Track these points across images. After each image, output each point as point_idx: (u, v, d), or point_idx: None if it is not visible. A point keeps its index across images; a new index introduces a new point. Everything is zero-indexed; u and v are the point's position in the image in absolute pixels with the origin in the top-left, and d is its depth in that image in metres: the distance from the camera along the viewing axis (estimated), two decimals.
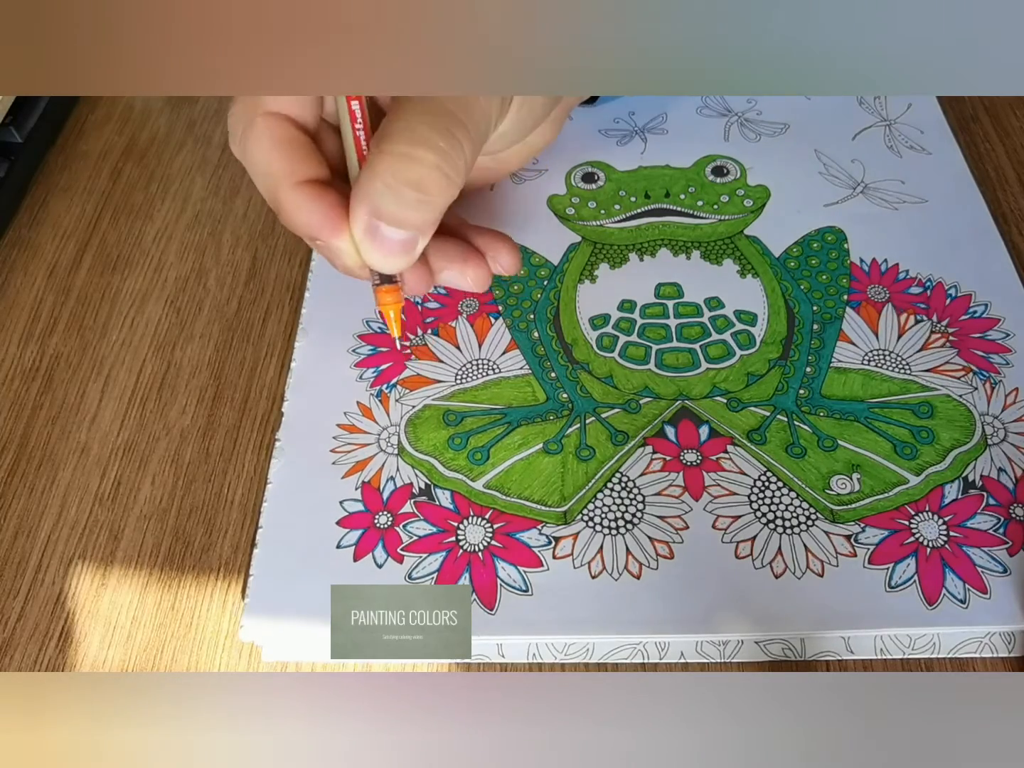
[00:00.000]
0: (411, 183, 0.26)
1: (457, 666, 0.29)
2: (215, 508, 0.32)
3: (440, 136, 0.26)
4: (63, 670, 0.29)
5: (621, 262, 0.37)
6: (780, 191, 0.39)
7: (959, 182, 0.38)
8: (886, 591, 0.28)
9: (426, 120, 0.26)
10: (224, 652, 0.29)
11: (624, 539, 0.29)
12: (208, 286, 0.38)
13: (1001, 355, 0.33)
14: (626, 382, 0.33)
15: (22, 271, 0.39)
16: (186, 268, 0.38)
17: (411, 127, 0.26)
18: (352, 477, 0.31)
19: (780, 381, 0.33)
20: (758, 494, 0.30)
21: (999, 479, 0.30)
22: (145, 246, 0.39)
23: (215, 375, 0.35)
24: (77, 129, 0.44)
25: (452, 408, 0.33)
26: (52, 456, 0.33)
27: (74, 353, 0.36)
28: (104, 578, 0.30)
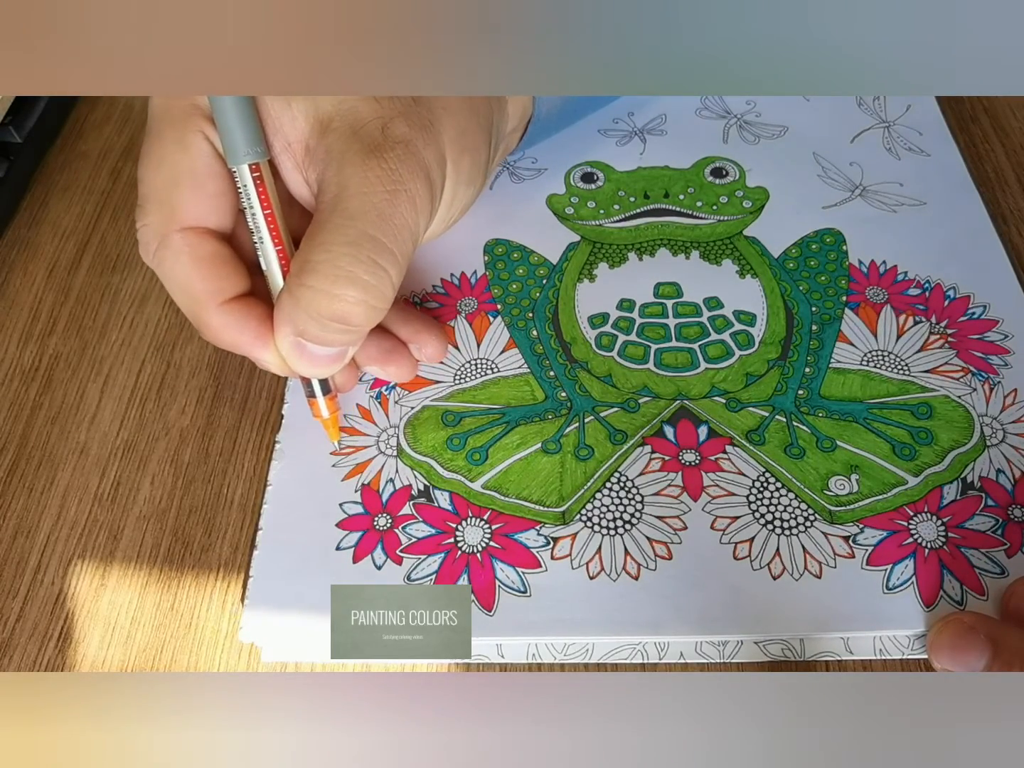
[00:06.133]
0: (335, 317, 0.26)
1: (457, 666, 0.29)
2: (215, 508, 0.32)
3: (364, 269, 0.26)
4: (63, 670, 0.29)
5: (620, 261, 0.37)
6: (779, 193, 0.39)
7: (958, 183, 0.38)
8: (883, 592, 0.28)
9: (349, 252, 0.26)
10: (224, 652, 0.29)
11: (623, 539, 0.29)
12: None
13: (1000, 356, 0.33)
14: (625, 381, 0.33)
15: (22, 271, 0.39)
16: None
17: (333, 260, 0.26)
18: (352, 479, 0.31)
19: (779, 381, 0.33)
20: (757, 495, 0.30)
21: (998, 480, 0.30)
22: None
23: (215, 375, 0.35)
24: (77, 129, 0.44)
25: (451, 408, 0.33)
26: (51, 456, 0.33)
27: (73, 353, 0.36)
28: (103, 578, 0.30)
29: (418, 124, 0.27)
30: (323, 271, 0.26)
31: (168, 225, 0.28)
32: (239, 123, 0.27)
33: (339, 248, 0.26)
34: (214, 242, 0.28)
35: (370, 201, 0.26)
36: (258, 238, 0.28)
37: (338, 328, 0.27)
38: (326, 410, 0.31)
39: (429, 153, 0.27)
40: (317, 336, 0.27)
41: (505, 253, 0.37)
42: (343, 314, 0.26)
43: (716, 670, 0.29)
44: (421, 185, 0.27)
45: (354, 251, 0.26)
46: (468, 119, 0.29)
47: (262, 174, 0.27)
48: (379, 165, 0.26)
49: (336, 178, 0.26)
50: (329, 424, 0.31)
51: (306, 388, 0.30)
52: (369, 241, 0.26)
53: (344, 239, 0.26)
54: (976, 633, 0.26)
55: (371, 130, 0.27)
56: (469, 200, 0.32)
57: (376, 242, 0.26)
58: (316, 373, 0.29)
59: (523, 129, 0.36)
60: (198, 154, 0.27)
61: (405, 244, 0.27)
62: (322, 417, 0.31)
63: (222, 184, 0.28)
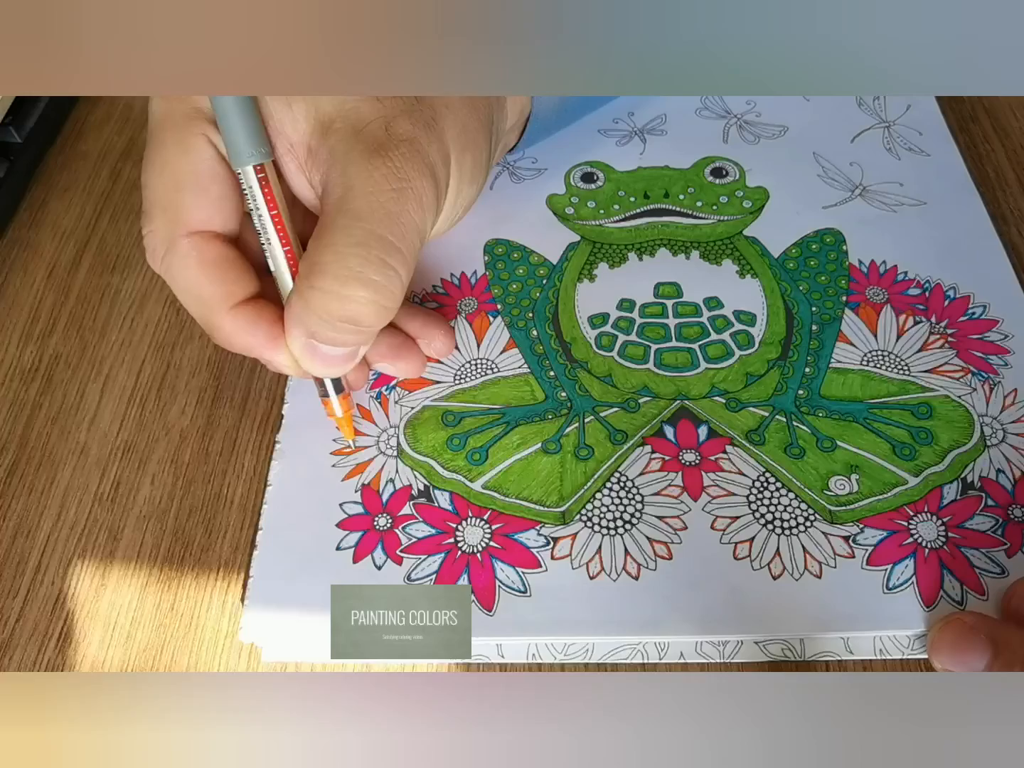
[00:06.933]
0: (346, 318, 0.26)
1: (457, 666, 0.29)
2: (215, 508, 0.32)
3: (373, 269, 0.26)
4: (63, 670, 0.29)
5: (620, 261, 0.37)
6: (779, 193, 0.39)
7: (958, 183, 0.38)
8: (883, 592, 0.28)
9: (358, 252, 0.26)
10: (224, 652, 0.29)
11: (623, 539, 0.29)
12: None
13: (1000, 356, 0.33)
14: (625, 381, 0.33)
15: (22, 271, 0.39)
16: None
17: (342, 261, 0.26)
18: (352, 480, 0.31)
19: (779, 381, 0.33)
20: (757, 495, 0.30)
21: (998, 480, 0.30)
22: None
23: (215, 375, 0.35)
24: (77, 129, 0.44)
25: (451, 409, 0.33)
26: (51, 456, 0.33)
27: (73, 353, 0.36)
28: (104, 578, 0.30)
29: (421, 122, 0.27)
30: (332, 272, 0.26)
31: (174, 230, 0.27)
32: (242, 124, 0.26)
33: (347, 249, 0.26)
34: (221, 245, 0.28)
35: (377, 200, 0.26)
36: (265, 240, 0.28)
37: (349, 329, 0.27)
38: (339, 409, 0.31)
39: (433, 151, 0.27)
40: (328, 337, 0.27)
41: (505, 253, 0.37)
42: (353, 315, 0.26)
43: (716, 670, 0.29)
44: (427, 183, 0.27)
45: (363, 251, 0.26)
46: (469, 116, 0.29)
47: (267, 175, 0.27)
48: (384, 164, 0.26)
49: (341, 179, 0.26)
50: (343, 423, 0.31)
51: (319, 388, 0.30)
52: (377, 241, 0.26)
53: (352, 239, 0.26)
54: (977, 633, 0.26)
55: (374, 129, 0.27)
56: (472, 198, 0.32)
57: (385, 241, 0.26)
58: (329, 373, 0.29)
59: (522, 126, 0.36)
60: (201, 157, 0.27)
61: (413, 243, 0.27)
62: (336, 416, 0.31)
63: (226, 187, 0.28)
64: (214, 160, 0.27)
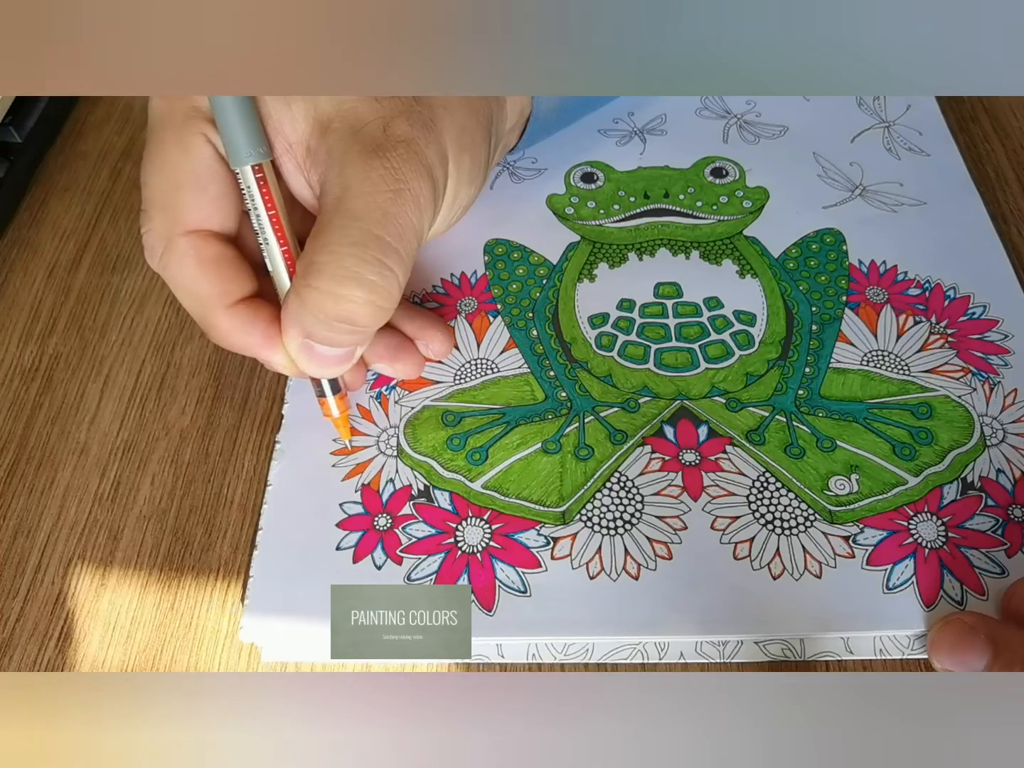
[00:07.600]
0: (342, 318, 0.26)
1: (457, 666, 0.29)
2: (215, 508, 0.32)
3: (369, 269, 0.26)
4: (63, 670, 0.29)
5: (620, 261, 0.37)
6: (779, 193, 0.39)
7: (958, 183, 0.38)
8: (883, 592, 0.28)
9: (354, 252, 0.26)
10: (224, 652, 0.29)
11: (623, 539, 0.29)
12: None
13: (1000, 356, 0.33)
14: (625, 381, 0.33)
15: (22, 271, 0.39)
16: None
17: (338, 261, 0.26)
18: (352, 480, 0.31)
19: (779, 381, 0.33)
20: (757, 495, 0.30)
21: (998, 480, 0.30)
22: None
23: (215, 375, 0.35)
24: (77, 129, 0.44)
25: (451, 408, 0.33)
26: (52, 456, 0.33)
27: (73, 353, 0.36)
28: (104, 578, 0.30)
29: (419, 123, 0.27)
30: (329, 272, 0.26)
31: (172, 229, 0.28)
32: (241, 124, 0.26)
33: (344, 249, 0.26)
34: (219, 244, 0.28)
35: (374, 201, 0.26)
36: (263, 239, 0.28)
37: (345, 329, 0.27)
38: (336, 409, 0.31)
39: (431, 152, 0.27)
40: (325, 337, 0.27)
41: (505, 253, 0.37)
42: (350, 315, 0.26)
43: (716, 670, 0.29)
44: (424, 184, 0.27)
45: (359, 251, 0.26)
46: (468, 117, 0.29)
47: (265, 175, 0.27)
48: (382, 165, 0.26)
49: (339, 179, 0.26)
50: (340, 423, 0.31)
51: (316, 388, 0.30)
52: (374, 241, 0.26)
53: (349, 239, 0.26)
54: (977, 633, 0.26)
55: (372, 130, 0.27)
56: (470, 199, 0.32)
57: (381, 242, 0.26)
58: (325, 373, 0.29)
59: (522, 127, 0.36)
60: (199, 156, 0.27)
61: (410, 243, 0.27)
62: (333, 416, 0.31)
63: (225, 186, 0.28)
64: (213, 159, 0.27)
